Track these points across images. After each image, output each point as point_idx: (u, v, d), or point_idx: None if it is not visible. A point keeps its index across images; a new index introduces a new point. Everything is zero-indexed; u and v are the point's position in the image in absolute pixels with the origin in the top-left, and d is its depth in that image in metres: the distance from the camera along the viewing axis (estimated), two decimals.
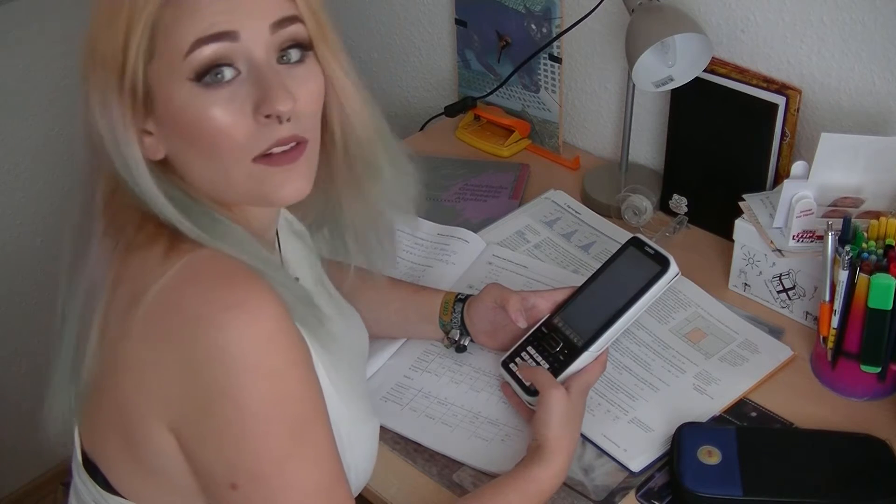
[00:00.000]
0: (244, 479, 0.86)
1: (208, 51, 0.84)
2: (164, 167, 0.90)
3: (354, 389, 1.03)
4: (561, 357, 1.15)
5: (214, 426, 0.85)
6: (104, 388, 0.90)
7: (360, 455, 1.01)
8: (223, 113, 0.85)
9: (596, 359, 1.15)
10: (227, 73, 0.85)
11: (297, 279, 1.03)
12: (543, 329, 1.20)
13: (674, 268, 1.15)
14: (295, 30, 0.88)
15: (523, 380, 1.16)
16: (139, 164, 0.87)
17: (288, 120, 0.86)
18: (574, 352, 1.15)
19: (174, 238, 0.88)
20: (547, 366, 1.16)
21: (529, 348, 1.19)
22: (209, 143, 0.86)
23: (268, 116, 0.86)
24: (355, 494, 1.02)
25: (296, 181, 0.90)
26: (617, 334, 1.15)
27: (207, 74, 0.85)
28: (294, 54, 0.89)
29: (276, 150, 0.88)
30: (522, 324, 1.20)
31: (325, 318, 0.96)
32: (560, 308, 1.20)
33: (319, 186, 0.97)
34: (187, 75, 0.84)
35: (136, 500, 0.94)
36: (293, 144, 0.89)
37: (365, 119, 0.97)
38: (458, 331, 1.26)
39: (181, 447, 0.88)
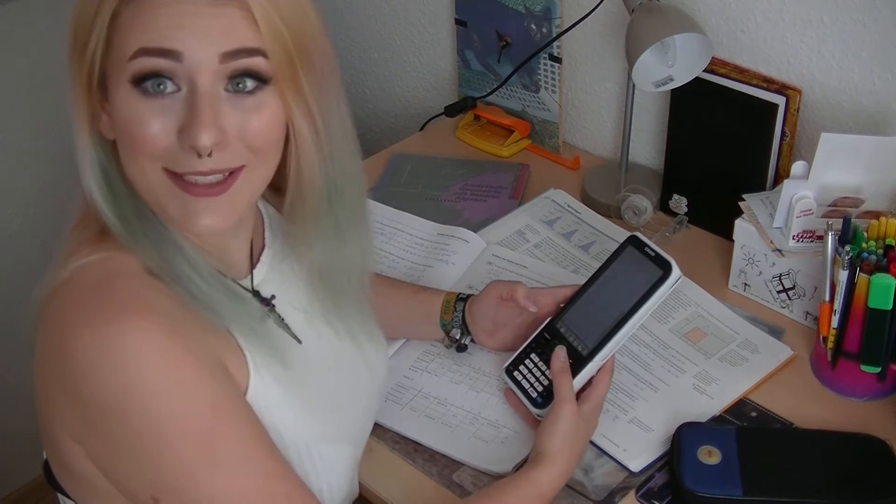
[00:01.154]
0: (163, 493, 0.85)
1: (149, 63, 0.82)
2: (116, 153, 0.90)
3: (326, 409, 1.00)
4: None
5: (111, 445, 0.85)
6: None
7: (332, 475, 1.00)
8: (152, 123, 0.84)
9: (602, 367, 1.14)
10: (169, 86, 0.83)
11: (272, 296, 1.00)
12: (546, 335, 1.19)
13: (676, 272, 1.13)
14: (250, 63, 0.84)
15: (529, 391, 1.16)
16: (82, 139, 0.88)
17: (209, 155, 0.84)
18: (579, 361, 1.14)
19: (104, 231, 0.89)
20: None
21: (533, 355, 1.18)
22: (130, 144, 0.85)
23: (190, 146, 0.84)
24: None
25: (212, 216, 0.87)
26: (622, 342, 1.14)
27: (146, 82, 0.83)
28: (249, 83, 0.85)
29: (200, 180, 0.85)
30: (533, 308, 1.20)
31: (276, 334, 0.97)
32: (561, 312, 1.20)
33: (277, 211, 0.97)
34: (127, 77, 0.83)
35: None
36: (220, 178, 0.86)
37: (313, 172, 0.93)
38: (460, 330, 1.26)
39: (90, 459, 0.87)
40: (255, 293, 1.00)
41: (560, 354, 1.14)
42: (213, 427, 0.85)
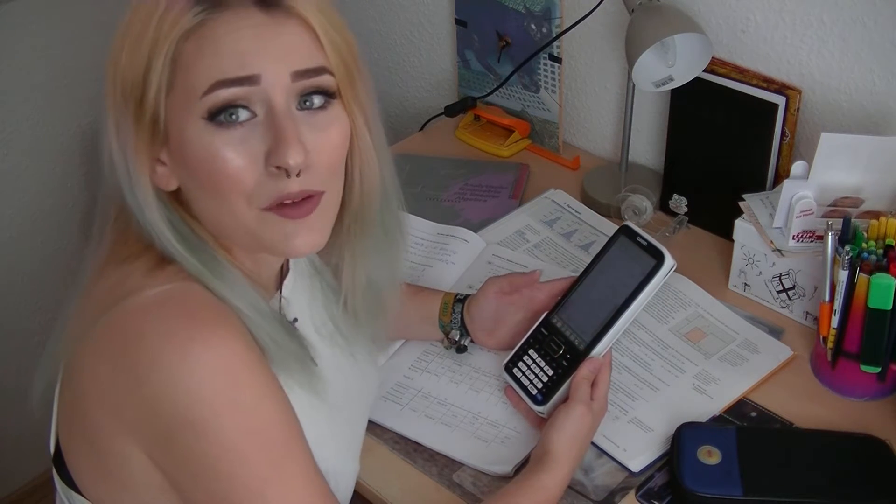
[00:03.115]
0: None
1: (227, 94, 0.81)
2: (172, 197, 0.89)
3: (342, 431, 1.01)
4: (564, 362, 1.15)
5: (185, 457, 0.84)
6: (68, 388, 0.91)
7: (339, 495, 1.00)
8: (234, 156, 0.83)
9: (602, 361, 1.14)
10: (243, 114, 0.83)
11: (295, 319, 1.01)
12: (543, 331, 1.19)
13: (669, 261, 1.13)
14: (319, 81, 0.85)
15: (529, 387, 1.16)
16: (147, 193, 0.86)
17: (297, 175, 0.83)
18: (577, 356, 1.14)
19: (162, 258, 0.88)
20: (551, 371, 1.15)
21: (531, 352, 1.19)
22: (216, 183, 0.84)
23: (278, 167, 0.83)
24: None
25: (309, 234, 0.87)
26: (618, 334, 1.14)
27: (221, 114, 0.82)
28: (317, 100, 0.86)
29: (286, 200, 0.85)
30: (539, 284, 1.22)
31: (311, 364, 0.96)
32: (558, 306, 1.20)
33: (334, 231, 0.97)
34: (201, 114, 0.82)
35: None
36: (305, 197, 0.86)
37: (374, 178, 0.94)
38: (458, 331, 1.26)
39: (160, 470, 0.87)
40: (281, 316, 1.00)
41: (593, 365, 1.13)
42: (286, 443, 0.86)
